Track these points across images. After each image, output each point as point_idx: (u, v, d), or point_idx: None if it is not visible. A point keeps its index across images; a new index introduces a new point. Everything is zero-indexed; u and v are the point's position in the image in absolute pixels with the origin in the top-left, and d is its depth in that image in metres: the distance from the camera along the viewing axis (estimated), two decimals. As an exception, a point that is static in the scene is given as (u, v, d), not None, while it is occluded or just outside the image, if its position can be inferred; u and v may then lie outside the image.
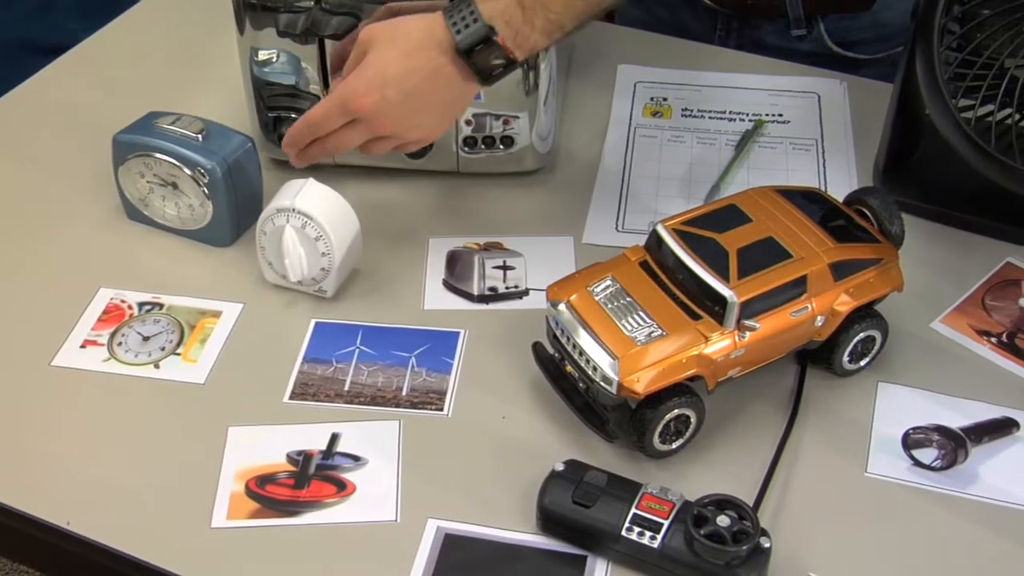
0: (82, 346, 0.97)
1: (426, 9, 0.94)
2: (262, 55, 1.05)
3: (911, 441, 0.89)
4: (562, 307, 0.87)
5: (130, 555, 0.82)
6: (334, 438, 0.89)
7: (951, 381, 0.93)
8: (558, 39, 0.94)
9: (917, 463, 0.87)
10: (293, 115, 1.08)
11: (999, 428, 0.89)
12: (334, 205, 0.98)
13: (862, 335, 0.91)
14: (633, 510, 0.79)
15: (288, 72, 1.06)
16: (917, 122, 1.03)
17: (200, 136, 1.02)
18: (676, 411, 0.84)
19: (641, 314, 0.85)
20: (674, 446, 0.87)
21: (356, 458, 0.88)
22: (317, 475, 0.87)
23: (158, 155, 1.01)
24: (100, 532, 0.83)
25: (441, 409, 0.92)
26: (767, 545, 0.77)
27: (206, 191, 1.02)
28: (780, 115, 1.21)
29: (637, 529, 0.79)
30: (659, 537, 0.78)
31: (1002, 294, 1.01)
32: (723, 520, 0.78)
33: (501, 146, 1.09)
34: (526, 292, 1.01)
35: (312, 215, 0.96)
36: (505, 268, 1.03)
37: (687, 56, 1.29)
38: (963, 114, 0.98)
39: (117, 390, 0.93)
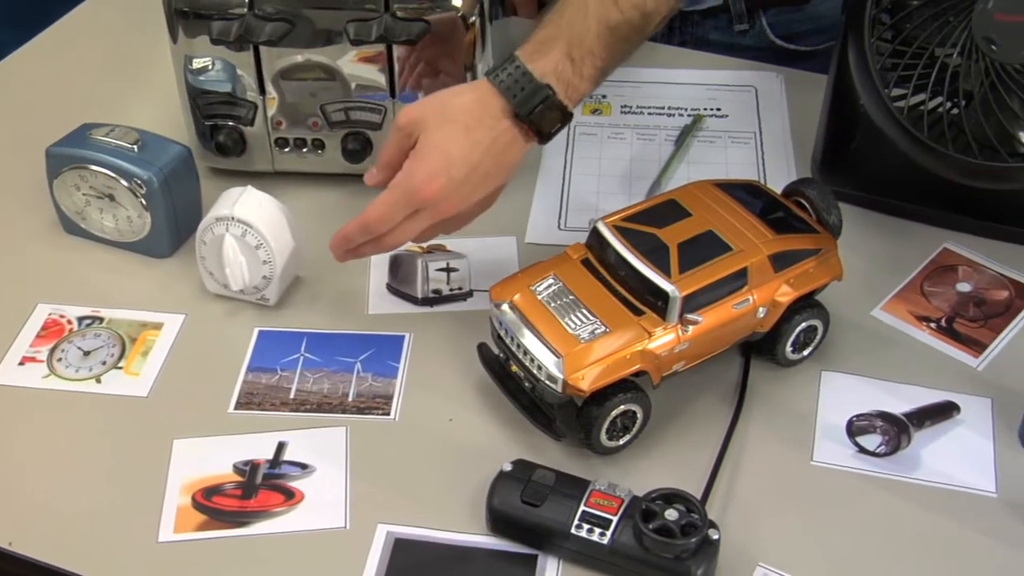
0: (21, 363, 0.95)
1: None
2: (196, 63, 1.04)
3: (855, 428, 0.89)
4: (505, 307, 0.87)
5: (76, 574, 0.81)
6: (281, 447, 0.89)
7: (893, 367, 0.94)
8: (600, 83, 0.93)
9: (862, 450, 0.88)
10: (230, 122, 1.07)
11: (940, 412, 0.91)
12: (274, 212, 0.97)
13: (804, 325, 0.92)
14: (582, 507, 0.80)
15: (224, 80, 1.05)
16: (852, 113, 1.04)
17: (136, 147, 1.00)
18: (622, 407, 0.85)
19: (584, 312, 0.85)
20: (621, 442, 0.87)
21: (304, 466, 0.87)
22: (264, 485, 0.86)
23: (93, 167, 1.00)
24: (44, 552, 0.82)
25: (388, 414, 0.91)
26: (715, 537, 0.78)
27: (143, 202, 1.01)
28: (718, 109, 1.22)
29: (586, 526, 0.79)
30: (608, 533, 0.78)
31: (940, 280, 1.02)
32: (671, 514, 0.78)
33: (441, 148, 1.08)
34: (470, 293, 1.01)
35: (252, 223, 0.95)
36: (448, 270, 1.03)
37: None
38: (896, 104, 0.99)
39: (58, 406, 0.92)
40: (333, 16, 1.01)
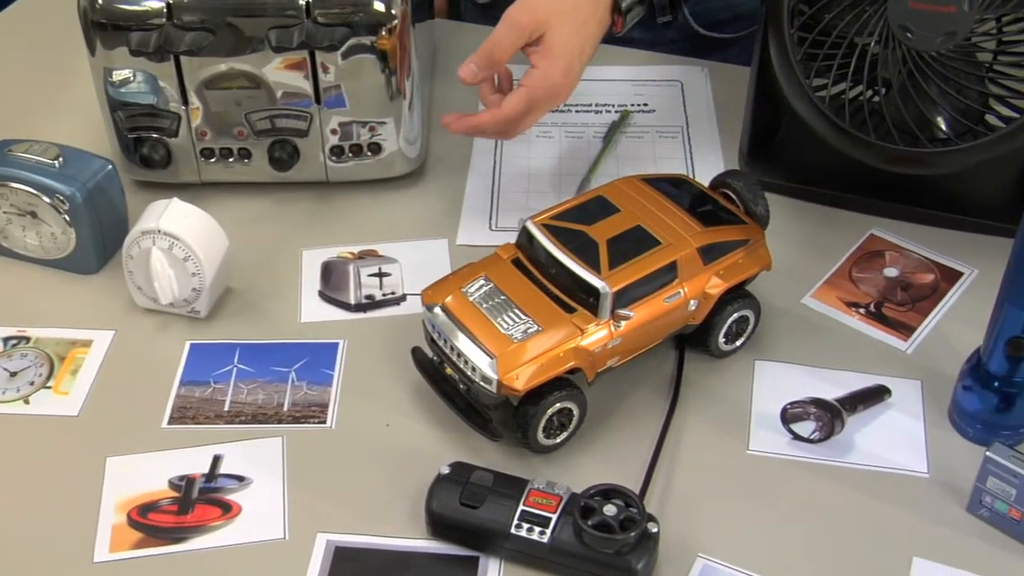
0: (-54, 387, 0.93)
1: None
2: (116, 75, 1.03)
3: (789, 416, 0.90)
4: (437, 310, 0.87)
5: (10, 598, 0.80)
6: (216, 460, 0.88)
7: (824, 354, 0.95)
8: None
9: (796, 437, 0.89)
10: (154, 134, 1.06)
11: (872, 396, 0.92)
12: (201, 223, 0.96)
13: (736, 316, 0.92)
14: (521, 507, 0.80)
15: (145, 91, 1.04)
16: (777, 103, 1.05)
17: (57, 162, 0.99)
18: (558, 405, 0.85)
19: (516, 311, 0.85)
20: (559, 440, 0.87)
21: (240, 478, 0.87)
22: (201, 499, 0.85)
23: (13, 184, 0.98)
24: (-24, 577, 0.80)
25: (324, 422, 0.91)
26: (655, 530, 0.78)
27: (67, 218, 0.99)
28: (645, 104, 1.22)
29: (526, 525, 0.79)
30: (548, 531, 0.78)
31: (868, 265, 1.03)
32: (610, 509, 0.78)
33: (369, 153, 1.08)
34: (403, 298, 1.01)
35: (179, 235, 0.94)
36: (381, 275, 1.03)
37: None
38: (818, 93, 1.00)
39: (-14, 429, 0.90)
40: (254, 24, 1.00)
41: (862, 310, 0.99)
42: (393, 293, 1.01)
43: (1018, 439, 0.88)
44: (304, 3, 0.99)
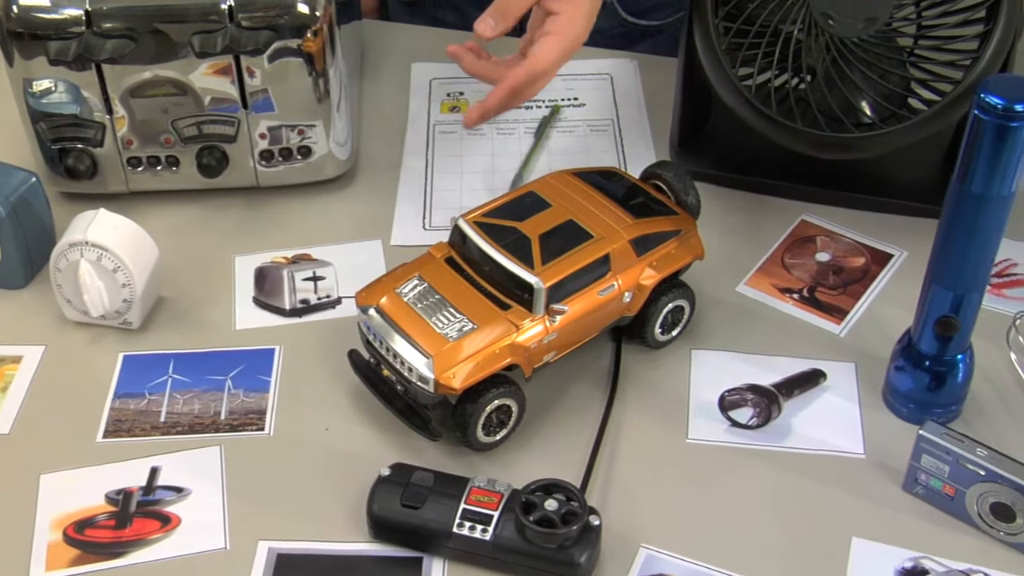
0: None
1: None
2: (37, 86, 1.01)
3: (727, 403, 0.91)
4: (372, 312, 0.87)
5: (-56, 622, 0.78)
6: (154, 472, 0.87)
7: (760, 340, 0.96)
8: None
9: (735, 423, 0.90)
10: (79, 145, 1.04)
11: (808, 380, 0.93)
12: (130, 233, 0.95)
13: (671, 306, 0.93)
14: (462, 505, 0.79)
15: (68, 101, 1.02)
16: (705, 93, 1.05)
17: (-22, 177, 0.97)
18: (496, 402, 0.85)
19: (451, 310, 0.85)
20: (498, 437, 0.87)
21: (179, 489, 0.86)
22: (139, 512, 0.84)
23: (-66, 201, 0.97)
24: (-91, 603, 0.79)
25: (262, 429, 0.90)
26: (597, 523, 0.78)
27: (-9, 233, 0.97)
28: (576, 99, 1.23)
29: (468, 524, 0.79)
30: (490, 529, 0.78)
31: (800, 251, 1.04)
32: (551, 504, 0.78)
33: (299, 156, 1.07)
34: (339, 301, 1.00)
35: (107, 246, 0.93)
36: (315, 279, 1.02)
37: (480, 49, 1.30)
38: (744, 82, 1.01)
39: (-85, 451, 0.89)
40: (177, 30, 0.99)
41: (795, 296, 1.00)
42: (328, 297, 1.01)
43: (950, 417, 0.89)
44: (227, 7, 0.98)
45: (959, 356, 0.86)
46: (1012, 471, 0.79)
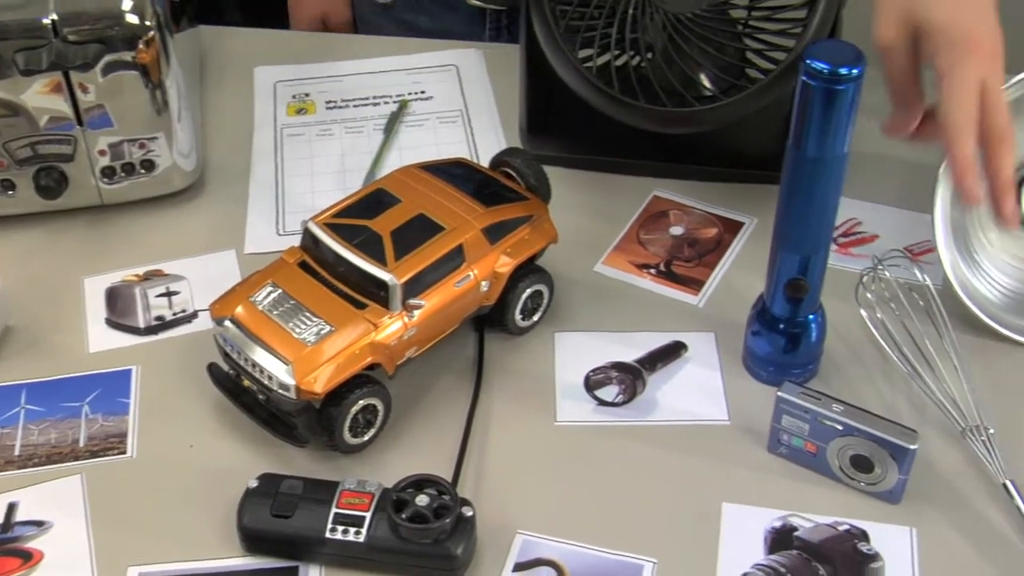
0: None
1: None
2: None
3: (592, 382, 0.92)
4: (228, 323, 0.85)
5: None
6: (11, 508, 0.84)
7: (621, 318, 0.97)
8: None
9: (601, 402, 0.91)
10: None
11: (669, 353, 0.94)
12: (-33, 263, 0.91)
13: (529, 291, 0.93)
14: (334, 510, 0.79)
15: None
16: (548, 77, 1.06)
17: None
18: (361, 403, 0.84)
19: (307, 314, 0.84)
20: (366, 438, 0.86)
21: (39, 523, 0.83)
22: (-2, 551, 0.81)
23: None
24: None
25: (125, 452, 0.88)
26: (470, 514, 0.78)
27: None
28: (423, 92, 1.22)
29: (341, 527, 0.78)
30: (363, 531, 0.78)
31: (654, 227, 1.06)
32: (422, 499, 0.78)
33: (143, 171, 1.04)
34: (195, 315, 0.98)
35: (-57, 279, 0.89)
36: (169, 294, 1.00)
37: (323, 49, 1.28)
38: (585, 64, 1.02)
39: None
40: None
41: (652, 271, 1.01)
42: (184, 311, 0.98)
43: (808, 376, 0.91)
44: (50, 22, 0.95)
45: (811, 316, 0.89)
46: (867, 423, 0.81)
